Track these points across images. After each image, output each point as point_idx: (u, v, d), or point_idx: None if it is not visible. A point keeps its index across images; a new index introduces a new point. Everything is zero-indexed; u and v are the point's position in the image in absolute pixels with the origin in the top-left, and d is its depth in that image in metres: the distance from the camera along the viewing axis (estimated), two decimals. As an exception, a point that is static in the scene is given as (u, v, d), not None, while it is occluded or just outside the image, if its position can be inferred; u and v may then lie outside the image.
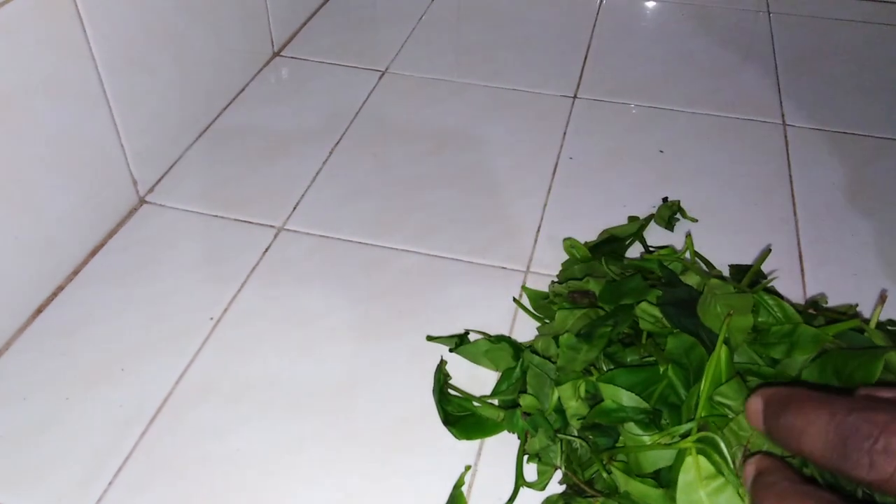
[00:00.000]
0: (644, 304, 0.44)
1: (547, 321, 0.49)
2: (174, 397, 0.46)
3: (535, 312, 0.50)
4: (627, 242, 0.56)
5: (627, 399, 0.38)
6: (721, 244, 0.57)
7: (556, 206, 0.61)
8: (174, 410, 0.46)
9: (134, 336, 0.50)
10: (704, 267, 0.53)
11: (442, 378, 0.46)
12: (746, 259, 0.56)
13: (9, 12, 0.45)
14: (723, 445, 0.35)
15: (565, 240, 0.55)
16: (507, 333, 0.50)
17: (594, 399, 0.40)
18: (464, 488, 0.42)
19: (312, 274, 0.55)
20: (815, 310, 0.46)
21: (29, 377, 0.47)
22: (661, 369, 0.39)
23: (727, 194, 0.62)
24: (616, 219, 0.59)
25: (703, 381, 0.37)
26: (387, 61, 0.78)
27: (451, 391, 0.46)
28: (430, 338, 0.49)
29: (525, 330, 0.50)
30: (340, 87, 0.74)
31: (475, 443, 0.44)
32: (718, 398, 0.37)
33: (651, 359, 0.41)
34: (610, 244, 0.55)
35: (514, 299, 0.52)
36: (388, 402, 0.46)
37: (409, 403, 0.46)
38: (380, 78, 0.76)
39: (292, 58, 0.79)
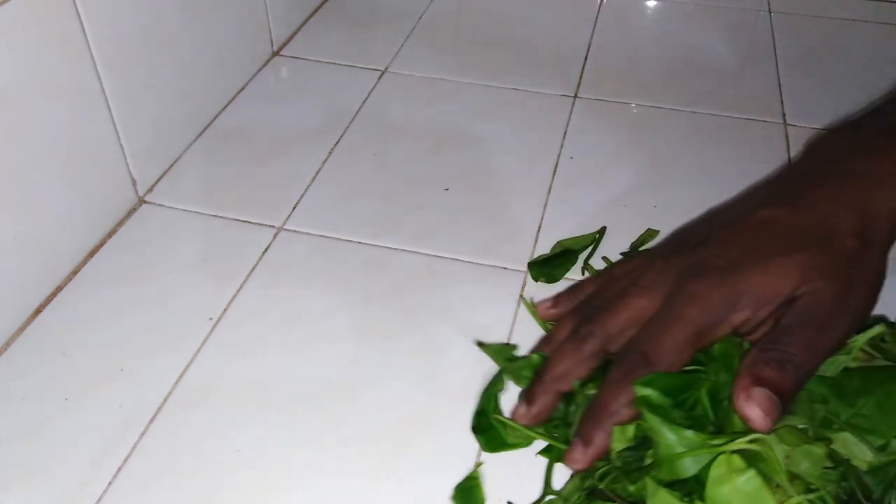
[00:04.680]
0: None
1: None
2: (174, 397, 0.46)
3: (543, 320, 0.50)
4: (583, 254, 0.55)
5: (659, 400, 0.37)
6: (721, 244, 0.57)
7: (556, 206, 0.61)
8: (174, 410, 0.46)
9: (134, 336, 0.50)
10: None
11: (495, 389, 0.45)
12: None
13: (8, 12, 0.44)
14: (778, 452, 0.34)
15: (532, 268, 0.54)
16: (506, 334, 0.50)
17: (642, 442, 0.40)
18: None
19: (312, 274, 0.55)
20: None
21: (28, 377, 0.47)
22: (711, 370, 0.39)
23: (727, 194, 0.62)
24: (616, 219, 0.59)
25: None
26: (387, 61, 0.78)
27: (498, 417, 0.44)
28: (480, 344, 0.49)
29: (525, 330, 0.50)
30: (340, 87, 0.74)
31: (475, 444, 0.44)
32: None
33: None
34: (563, 256, 0.55)
35: (522, 297, 0.51)
36: (388, 402, 0.46)
37: (409, 404, 0.46)
38: (380, 77, 0.76)
39: (292, 57, 0.79)
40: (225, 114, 0.70)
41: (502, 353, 0.47)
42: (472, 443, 0.44)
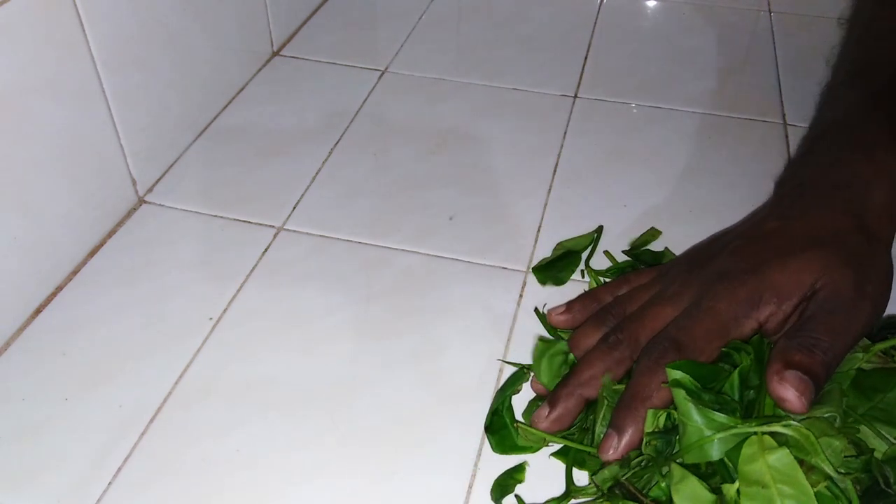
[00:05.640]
0: None
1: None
2: (174, 397, 0.46)
3: (552, 327, 0.49)
4: (584, 255, 0.56)
5: (689, 383, 0.38)
6: (721, 244, 0.57)
7: (556, 206, 0.61)
8: (174, 410, 0.46)
9: (134, 336, 0.50)
10: None
11: (511, 391, 0.45)
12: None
13: (8, 12, 0.44)
14: (816, 442, 0.34)
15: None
16: (507, 333, 0.50)
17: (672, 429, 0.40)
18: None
19: (312, 274, 0.55)
20: None
21: (28, 377, 0.47)
22: (741, 357, 0.39)
23: (727, 194, 0.62)
24: (616, 219, 0.59)
25: (762, 392, 0.37)
26: (387, 60, 0.78)
27: (520, 424, 0.44)
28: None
29: (525, 331, 0.50)
30: (340, 87, 0.74)
31: (476, 443, 0.44)
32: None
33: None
34: (566, 258, 0.55)
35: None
36: (388, 402, 0.46)
37: (409, 403, 0.46)
38: (380, 77, 0.76)
39: (292, 57, 0.79)
40: (225, 114, 0.70)
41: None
42: (473, 443, 0.44)
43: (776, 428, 0.35)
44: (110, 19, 0.53)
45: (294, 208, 0.60)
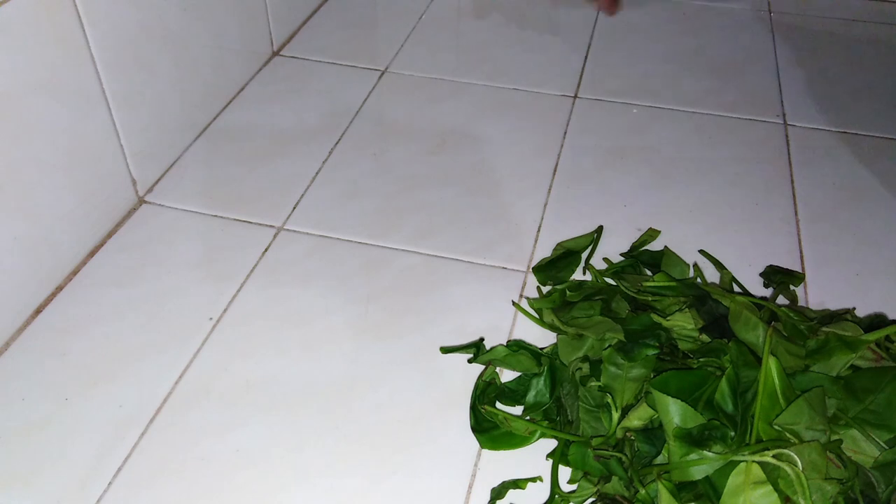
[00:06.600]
0: (680, 320, 0.44)
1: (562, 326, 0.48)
2: (174, 397, 0.46)
3: (536, 316, 0.50)
4: (584, 255, 0.56)
5: (675, 411, 0.37)
6: (721, 244, 0.57)
7: (556, 206, 0.61)
8: (174, 410, 0.46)
9: (134, 336, 0.50)
10: (716, 270, 0.53)
11: (482, 385, 0.46)
12: (747, 259, 0.56)
13: (9, 12, 0.44)
14: (799, 462, 0.35)
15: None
16: (507, 333, 0.50)
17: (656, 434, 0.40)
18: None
19: (312, 274, 0.55)
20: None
21: (28, 377, 0.47)
22: (728, 366, 0.39)
23: (727, 194, 0.62)
24: (616, 219, 0.59)
25: (759, 396, 0.37)
26: (387, 60, 0.78)
27: (486, 407, 0.45)
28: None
29: (525, 330, 0.50)
30: (340, 87, 0.74)
31: (476, 443, 0.44)
32: (780, 424, 0.36)
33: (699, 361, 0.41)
34: (566, 258, 0.55)
35: (514, 303, 0.52)
36: (388, 401, 0.46)
37: (409, 403, 0.46)
38: (380, 77, 0.76)
39: (292, 57, 0.79)
40: (225, 114, 0.70)
41: (468, 349, 0.49)
42: (473, 443, 0.44)
43: (766, 459, 0.35)
44: (110, 19, 0.53)
45: (294, 208, 0.60)
